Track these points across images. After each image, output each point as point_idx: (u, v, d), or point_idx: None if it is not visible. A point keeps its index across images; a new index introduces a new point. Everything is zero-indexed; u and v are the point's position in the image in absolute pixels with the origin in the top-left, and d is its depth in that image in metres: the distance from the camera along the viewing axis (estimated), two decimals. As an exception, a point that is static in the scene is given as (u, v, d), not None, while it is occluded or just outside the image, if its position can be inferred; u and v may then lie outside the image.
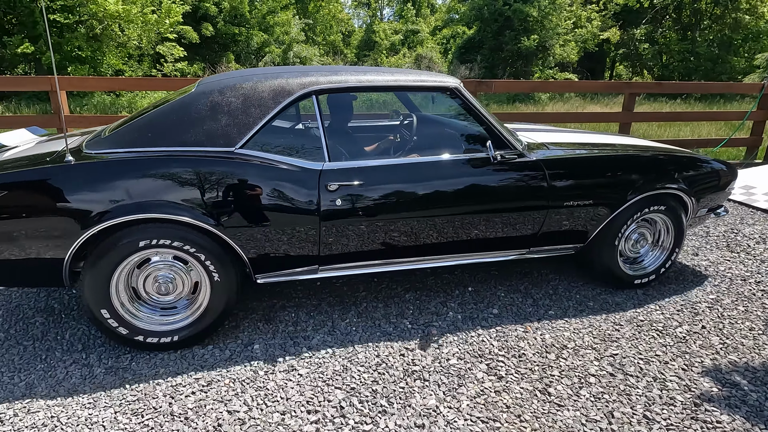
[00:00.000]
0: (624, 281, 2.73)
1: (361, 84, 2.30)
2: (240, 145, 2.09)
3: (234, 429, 1.66)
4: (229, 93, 2.15)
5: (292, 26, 21.35)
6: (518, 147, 2.44)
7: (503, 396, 1.86)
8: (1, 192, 1.83)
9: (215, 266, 2.05)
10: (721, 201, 2.94)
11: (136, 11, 11.47)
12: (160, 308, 2.12)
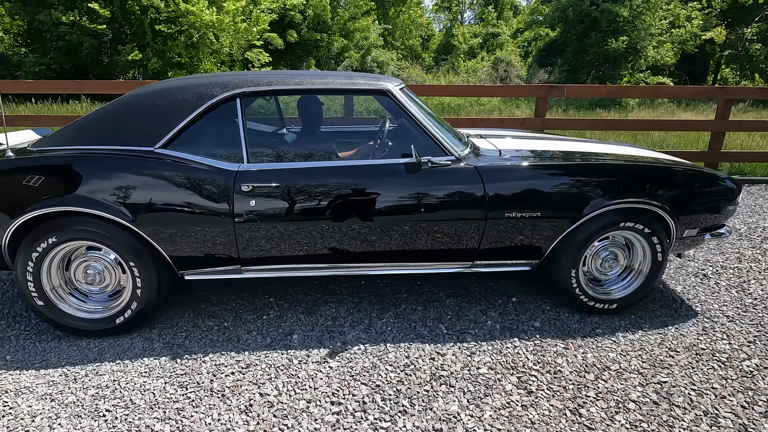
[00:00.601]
0: (584, 305, 2.47)
1: (286, 87, 2.32)
2: (159, 145, 2.17)
3: (262, 410, 1.79)
4: (157, 96, 2.28)
5: (371, 31, 21.89)
6: (455, 153, 2.29)
7: (530, 411, 1.81)
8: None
9: (134, 261, 2.14)
10: (720, 221, 2.58)
11: (228, 20, 12.46)
12: (89, 296, 2.27)
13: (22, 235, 2.09)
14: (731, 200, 2.53)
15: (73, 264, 2.22)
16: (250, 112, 2.97)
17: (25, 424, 1.72)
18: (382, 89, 2.32)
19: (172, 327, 2.35)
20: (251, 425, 1.71)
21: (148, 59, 12.08)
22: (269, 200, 2.16)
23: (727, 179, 2.54)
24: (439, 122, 2.59)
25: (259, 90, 2.26)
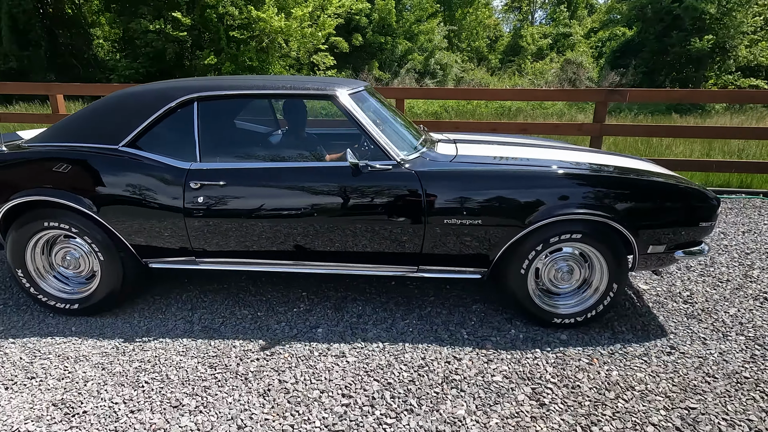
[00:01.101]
0: (539, 318, 2.38)
1: (240, 92, 2.44)
2: (124, 143, 2.38)
3: (279, 395, 1.91)
4: (127, 98, 2.50)
5: (436, 34, 21.85)
6: (396, 158, 2.29)
7: (538, 423, 1.78)
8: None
9: (100, 249, 2.37)
10: (693, 238, 2.35)
11: (295, 26, 13.04)
12: (68, 279, 2.54)
13: (13, 218, 2.40)
14: (705, 217, 2.33)
15: (55, 251, 2.51)
16: (248, 115, 3.13)
17: (79, 387, 1.97)
18: (328, 94, 2.39)
19: (212, 313, 2.55)
20: (266, 408, 1.84)
21: (223, 63, 12.96)
22: (216, 197, 2.31)
23: (702, 194, 2.35)
24: (398, 126, 2.70)
25: (215, 94, 2.42)
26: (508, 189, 2.25)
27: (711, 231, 2.42)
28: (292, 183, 2.32)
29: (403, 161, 2.31)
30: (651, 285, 2.91)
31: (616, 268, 2.28)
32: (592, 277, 2.37)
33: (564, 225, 2.22)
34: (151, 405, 1.86)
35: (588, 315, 2.36)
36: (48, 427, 1.74)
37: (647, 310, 2.62)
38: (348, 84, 2.57)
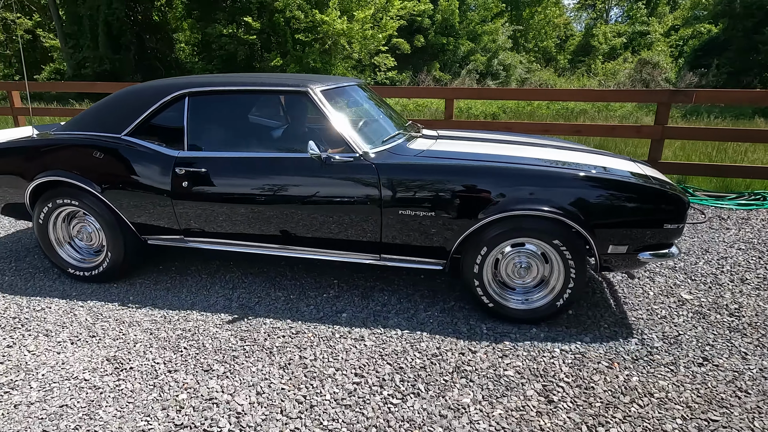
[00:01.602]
0: (489, 310, 2.42)
1: (224, 87, 2.65)
2: (126, 132, 2.70)
3: (297, 370, 2.06)
4: (131, 93, 2.83)
5: (500, 34, 21.42)
6: (358, 150, 2.41)
7: (543, 418, 1.79)
8: (9, 154, 2.86)
9: (105, 225, 2.73)
10: (660, 240, 2.26)
11: (357, 28, 13.39)
12: (81, 250, 2.94)
13: (39, 194, 2.80)
14: (670, 219, 2.23)
15: (73, 224, 2.90)
16: (262, 111, 3.30)
17: (129, 347, 2.24)
18: (301, 90, 2.55)
19: (250, 293, 2.77)
20: (284, 379, 1.99)
21: (288, 65, 13.59)
22: (198, 183, 2.57)
23: (667, 195, 2.25)
24: (381, 121, 2.94)
25: (203, 90, 2.65)
26: (462, 184, 2.30)
27: (679, 234, 2.31)
28: (264, 172, 2.53)
29: (365, 154, 2.42)
30: (695, 295, 2.76)
31: (574, 268, 2.26)
32: (552, 275, 2.36)
33: (516, 221, 2.25)
34: (186, 367, 2.08)
35: (539, 314, 2.38)
36: (100, 378, 2.01)
37: (685, 320, 2.49)
38: (324, 81, 2.73)
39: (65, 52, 15.84)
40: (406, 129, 2.99)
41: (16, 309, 2.58)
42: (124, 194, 2.68)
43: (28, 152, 2.83)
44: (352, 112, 2.79)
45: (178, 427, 1.73)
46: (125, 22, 13.93)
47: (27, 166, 2.79)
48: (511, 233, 2.28)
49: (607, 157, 2.84)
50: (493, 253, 2.35)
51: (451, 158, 2.47)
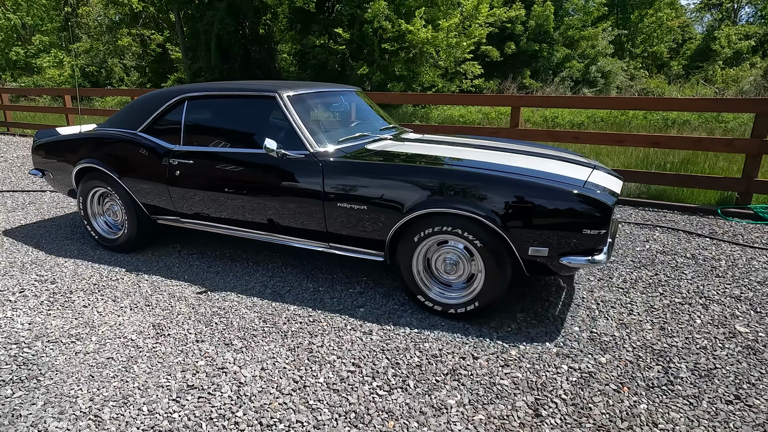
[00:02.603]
0: (420, 303, 2.57)
1: (212, 93, 3.10)
2: (140, 129, 3.26)
3: (303, 353, 2.23)
4: (148, 97, 3.34)
5: (599, 39, 20.07)
6: (309, 149, 2.69)
7: (524, 430, 1.75)
8: (58, 146, 3.64)
9: (123, 205, 3.32)
10: (584, 246, 2.22)
11: (442, 36, 13.46)
12: (109, 224, 3.59)
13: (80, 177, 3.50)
14: (589, 225, 2.19)
15: (105, 202, 3.54)
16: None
17: (172, 317, 2.58)
18: (270, 95, 2.87)
19: (284, 282, 3.02)
20: (288, 360, 2.18)
21: (374, 73, 14.09)
22: (187, 172, 3.04)
23: (589, 201, 2.20)
24: (352, 123, 3.30)
25: (198, 94, 3.13)
26: (390, 181, 2.49)
27: (602, 241, 2.23)
28: (235, 166, 2.91)
29: (315, 152, 2.69)
30: (753, 329, 2.46)
31: (494, 267, 2.32)
32: (478, 272, 2.42)
33: (439, 218, 2.36)
34: (211, 339, 2.35)
35: (458, 309, 2.47)
36: (143, 340, 2.36)
37: (729, 353, 2.24)
38: (295, 87, 3.03)
39: (185, 63, 18.02)
40: (380, 131, 3.28)
41: (98, 277, 3.09)
42: (136, 180, 3.25)
43: (73, 144, 3.56)
44: (323, 115, 3.16)
45: (189, 387, 1.99)
46: (234, 36, 15.51)
47: (72, 154, 3.52)
48: (434, 230, 2.40)
49: (564, 163, 2.79)
50: (421, 247, 2.49)
51: (387, 159, 2.69)
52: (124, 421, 1.78)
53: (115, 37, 23.48)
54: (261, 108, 2.92)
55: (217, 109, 3.14)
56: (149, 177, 3.18)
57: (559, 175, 2.48)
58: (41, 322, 2.52)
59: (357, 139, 3.00)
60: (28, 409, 1.85)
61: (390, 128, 3.46)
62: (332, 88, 3.44)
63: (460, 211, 2.31)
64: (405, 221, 2.44)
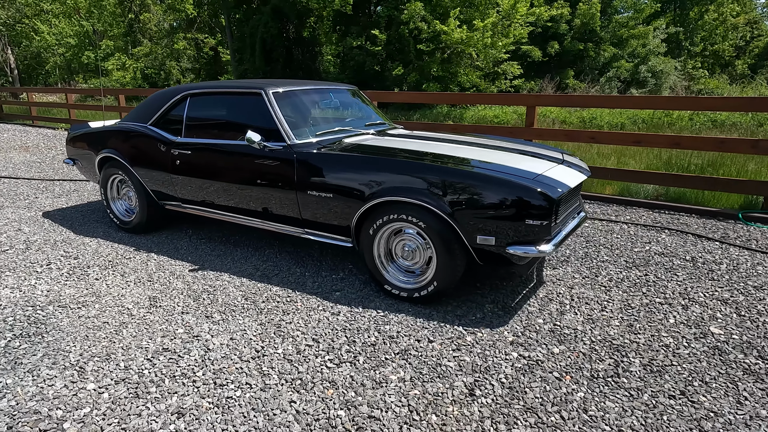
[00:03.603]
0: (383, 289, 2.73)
1: (209, 90, 3.39)
2: (150, 123, 3.60)
3: (271, 328, 2.42)
4: (158, 94, 3.67)
5: (651, 37, 19.13)
6: (287, 141, 2.89)
7: (453, 406, 1.85)
8: (85, 138, 4.08)
9: (134, 191, 3.71)
10: (526, 236, 2.30)
11: (477, 37, 13.39)
12: (125, 207, 3.97)
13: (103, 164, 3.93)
14: (531, 215, 2.26)
15: (122, 188, 3.94)
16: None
17: (167, 292, 2.85)
18: (256, 91, 3.09)
19: (275, 266, 3.22)
20: (256, 333, 2.37)
21: (409, 74, 14.23)
22: (184, 162, 3.35)
23: (530, 192, 2.27)
24: (330, 118, 3.52)
25: (198, 91, 3.42)
26: (352, 172, 2.67)
27: (546, 232, 2.31)
28: (224, 156, 3.19)
29: (292, 144, 2.89)
30: (727, 332, 2.40)
31: (445, 253, 2.45)
32: (432, 257, 2.53)
33: (394, 207, 2.51)
34: (195, 312, 2.60)
35: (413, 294, 2.61)
36: (137, 310, 2.64)
37: (692, 352, 2.21)
38: (283, 85, 3.22)
39: (233, 65, 18.94)
40: (365, 127, 3.44)
41: (114, 255, 3.44)
42: (145, 168, 3.60)
43: (96, 136, 3.99)
44: (311, 112, 3.38)
45: (164, 350, 2.23)
46: (277, 39, 16.14)
47: (95, 145, 3.96)
48: (390, 218, 2.55)
49: (528, 157, 2.87)
50: (381, 233, 2.64)
51: (352, 152, 2.84)
52: (102, 373, 2.04)
53: (172, 41, 25.00)
54: (251, 104, 3.14)
55: (213, 104, 3.42)
56: (156, 166, 3.51)
57: (513, 167, 2.55)
58: (57, 290, 2.87)
59: (336, 133, 3.18)
60: (28, 359, 2.15)
61: (378, 124, 3.61)
62: (324, 86, 3.66)
63: (411, 200, 2.45)
64: (365, 209, 2.60)
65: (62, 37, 29.63)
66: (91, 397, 1.89)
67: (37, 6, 29.02)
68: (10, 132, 11.20)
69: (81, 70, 31.54)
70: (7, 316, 2.54)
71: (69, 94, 11.69)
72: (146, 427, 1.73)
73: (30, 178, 6.09)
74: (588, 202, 4.94)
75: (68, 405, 1.84)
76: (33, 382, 1.98)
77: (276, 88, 3.15)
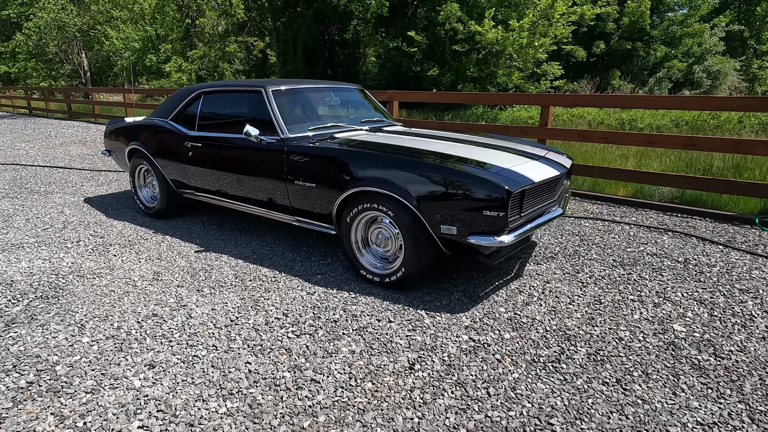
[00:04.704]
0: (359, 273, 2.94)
1: (220, 89, 3.71)
2: (170, 118, 3.98)
3: (249, 302, 2.67)
4: (178, 93, 4.03)
5: (706, 36, 18.03)
6: (281, 135, 3.14)
7: (390, 376, 2.01)
8: (119, 131, 4.54)
9: (156, 180, 4.11)
10: (487, 226, 2.41)
11: (514, 37, 13.22)
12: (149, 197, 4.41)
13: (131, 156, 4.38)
14: (489, 207, 2.37)
15: (147, 177, 4.38)
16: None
17: (171, 269, 3.18)
18: (257, 89, 3.36)
19: (271, 250, 3.49)
20: (235, 305, 2.63)
21: (444, 74, 14.27)
22: (197, 153, 3.68)
23: (487, 184, 2.38)
24: (331, 116, 3.77)
25: (210, 90, 3.75)
26: (333, 164, 2.86)
27: (503, 223, 2.40)
28: (230, 149, 3.47)
29: (285, 137, 3.12)
30: (690, 329, 2.40)
31: (411, 240, 2.60)
32: (401, 244, 2.68)
33: (366, 197, 2.70)
34: (188, 286, 2.90)
35: (385, 279, 2.79)
36: (141, 282, 2.98)
37: (644, 346, 2.25)
38: (283, 83, 3.45)
39: (278, 66, 19.76)
40: (361, 123, 3.66)
41: (134, 236, 3.85)
42: (165, 159, 3.98)
43: (127, 130, 4.43)
44: (307, 108, 3.65)
45: (153, 315, 2.53)
46: (318, 41, 16.71)
47: (126, 138, 4.40)
48: (365, 207, 2.74)
49: (503, 152, 2.98)
50: (358, 221, 2.83)
51: (336, 145, 3.00)
52: (98, 331, 2.36)
53: (224, 44, 26.35)
54: (253, 100, 3.41)
55: (223, 101, 3.73)
56: (173, 157, 3.88)
57: (481, 161, 2.69)
58: (80, 263, 3.27)
59: (329, 128, 3.39)
60: (42, 316, 2.52)
61: (375, 121, 3.79)
62: (326, 85, 3.89)
63: (381, 191, 2.62)
64: (343, 198, 2.79)
65: (128, 42, 32.00)
66: (83, 348, 2.21)
67: (108, 13, 31.52)
68: (74, 128, 12.33)
69: (145, 72, 33.88)
70: (34, 281, 2.95)
71: (126, 94, 12.72)
72: (121, 373, 2.02)
73: (81, 168, 6.77)
74: (598, 203, 4.89)
75: (63, 353, 2.17)
76: (41, 334, 2.33)
77: (277, 86, 3.42)
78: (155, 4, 29.63)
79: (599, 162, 6.20)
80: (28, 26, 30.26)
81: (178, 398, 1.87)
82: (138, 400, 1.85)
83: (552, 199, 2.97)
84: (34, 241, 3.70)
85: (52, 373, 2.02)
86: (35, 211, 4.52)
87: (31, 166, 6.90)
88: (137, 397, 1.86)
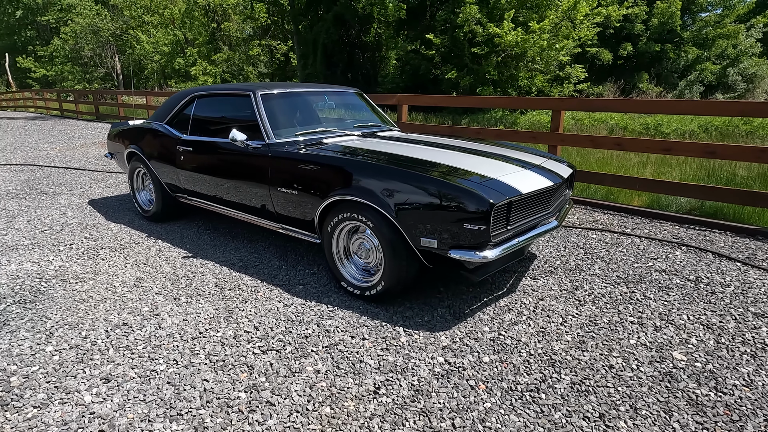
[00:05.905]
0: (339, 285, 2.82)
1: (214, 92, 3.67)
2: (165, 121, 3.95)
3: (223, 312, 2.58)
4: (174, 96, 4.00)
5: (741, 37, 17.20)
6: (266, 140, 3.06)
7: (353, 401, 1.87)
8: (119, 135, 4.54)
9: (152, 184, 4.09)
10: (468, 240, 2.24)
11: (534, 39, 12.89)
12: (146, 200, 4.41)
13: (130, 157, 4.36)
14: (469, 220, 2.20)
15: (145, 180, 4.38)
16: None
17: (154, 275, 3.13)
18: (246, 94, 3.28)
19: (258, 258, 3.41)
20: (209, 316, 2.54)
21: (463, 77, 14.03)
22: (187, 157, 3.64)
23: (469, 196, 2.21)
24: (322, 120, 3.69)
25: (203, 94, 3.73)
26: (315, 171, 2.75)
27: (485, 236, 2.24)
28: (218, 153, 3.43)
29: (270, 142, 3.05)
30: (691, 358, 2.19)
31: (390, 252, 2.47)
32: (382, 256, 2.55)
33: (347, 206, 2.59)
34: (166, 294, 2.83)
35: (365, 292, 2.66)
36: (122, 287, 2.93)
37: (635, 376, 2.05)
38: (273, 87, 3.40)
39: (299, 69, 19.89)
40: (353, 128, 3.53)
41: (127, 240, 3.83)
42: (159, 162, 3.95)
43: (127, 133, 4.44)
44: (297, 112, 3.53)
45: (123, 324, 2.47)
46: (338, 44, 16.73)
47: (125, 141, 4.41)
48: (345, 216, 2.62)
49: (497, 161, 2.82)
50: (339, 231, 2.73)
51: (319, 151, 2.91)
52: (64, 339, 2.32)
53: (247, 47, 26.75)
54: (243, 104, 3.34)
55: (214, 105, 3.69)
56: (167, 160, 3.85)
57: (467, 170, 2.53)
58: (67, 267, 3.26)
59: (318, 133, 3.29)
60: (15, 322, 2.49)
61: (370, 126, 3.67)
62: (321, 89, 3.78)
63: (360, 200, 2.49)
64: (324, 206, 2.69)
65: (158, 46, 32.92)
66: (44, 357, 2.16)
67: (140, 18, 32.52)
68: (98, 130, 12.67)
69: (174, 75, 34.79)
70: (17, 285, 2.95)
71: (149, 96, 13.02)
72: (75, 387, 1.95)
73: (93, 170, 6.89)
74: (609, 213, 4.63)
75: (23, 362, 2.12)
76: (8, 341, 2.30)
77: (268, 90, 3.35)
78: (184, 9, 30.37)
79: (615, 170, 5.91)
80: (65, 31, 31.50)
81: (125, 417, 1.78)
82: (83, 418, 1.77)
83: (546, 211, 2.78)
84: (29, 243, 3.73)
85: (6, 384, 1.97)
86: (39, 213, 4.58)
87: (47, 167, 7.07)
88: (83, 415, 1.79)
